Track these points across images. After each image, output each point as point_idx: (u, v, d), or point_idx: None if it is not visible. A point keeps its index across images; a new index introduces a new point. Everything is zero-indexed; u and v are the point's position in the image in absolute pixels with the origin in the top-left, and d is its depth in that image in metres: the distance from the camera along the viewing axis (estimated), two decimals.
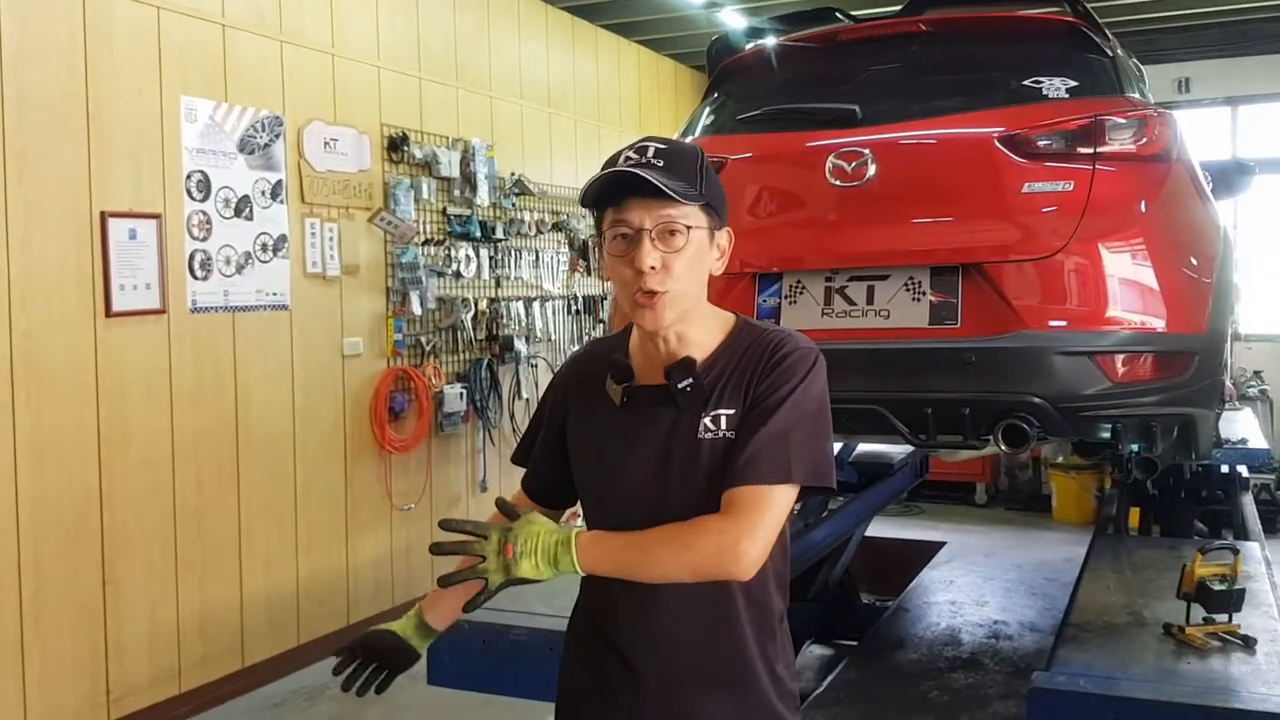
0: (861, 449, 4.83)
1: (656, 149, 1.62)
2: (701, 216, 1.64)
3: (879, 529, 5.57)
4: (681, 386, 1.63)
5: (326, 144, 5.20)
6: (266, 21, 4.91)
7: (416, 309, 5.67)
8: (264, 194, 4.87)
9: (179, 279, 4.46)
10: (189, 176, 4.51)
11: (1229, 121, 8.45)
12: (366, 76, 5.50)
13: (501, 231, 6.31)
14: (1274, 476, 7.44)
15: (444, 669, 2.78)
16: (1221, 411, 3.33)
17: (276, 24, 4.96)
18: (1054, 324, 2.76)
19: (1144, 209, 2.85)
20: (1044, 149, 2.86)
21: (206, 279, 4.58)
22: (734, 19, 6.89)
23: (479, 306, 6.18)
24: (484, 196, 6.12)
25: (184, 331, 4.48)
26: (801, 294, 3.07)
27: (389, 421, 5.53)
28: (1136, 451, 3.08)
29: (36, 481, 3.92)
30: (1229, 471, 5.08)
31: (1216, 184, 3.87)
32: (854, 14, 3.68)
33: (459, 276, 6.01)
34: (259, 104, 4.84)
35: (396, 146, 5.62)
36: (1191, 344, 2.83)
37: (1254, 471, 6.00)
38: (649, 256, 1.59)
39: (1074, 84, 3.01)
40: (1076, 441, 3.27)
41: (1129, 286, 2.78)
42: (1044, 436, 2.86)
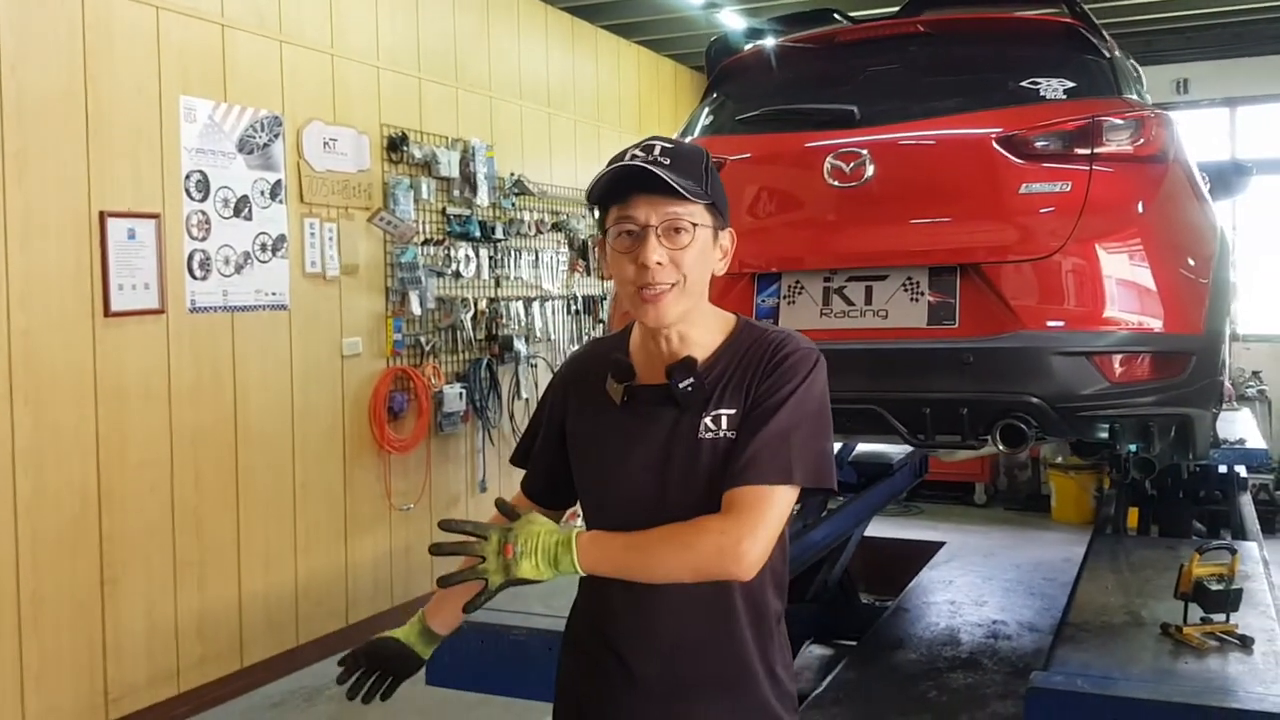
0: (860, 449, 4.84)
1: (663, 147, 1.63)
2: (706, 216, 1.64)
3: (878, 529, 5.58)
4: (683, 386, 1.63)
5: (326, 144, 5.20)
6: (266, 21, 4.91)
7: (416, 309, 5.67)
8: (263, 194, 4.87)
9: (178, 279, 4.46)
10: (188, 176, 4.51)
11: (1227, 122, 8.46)
12: (366, 76, 5.50)
13: (501, 231, 6.32)
14: (1272, 476, 7.44)
15: (442, 669, 2.78)
16: (1219, 412, 3.33)
17: (276, 24, 4.96)
18: (1052, 324, 2.77)
19: (1141, 210, 2.86)
20: (1042, 150, 2.87)
21: (205, 279, 4.58)
22: (733, 20, 6.90)
23: (478, 306, 6.18)
24: (483, 196, 6.12)
25: (183, 331, 4.48)
26: (800, 294, 3.08)
27: (388, 421, 5.53)
28: (1134, 451, 3.09)
29: (35, 481, 3.92)
30: (1227, 472, 5.08)
31: (1214, 185, 3.88)
32: (852, 15, 3.68)
33: (458, 276, 6.02)
34: (258, 104, 4.84)
35: (396, 146, 5.63)
36: (1189, 344, 2.84)
37: (1252, 472, 6.00)
38: (655, 253, 1.59)
39: (1072, 85, 3.01)
40: (1074, 441, 3.28)
41: (1126, 287, 2.79)
42: (1042, 436, 2.87)
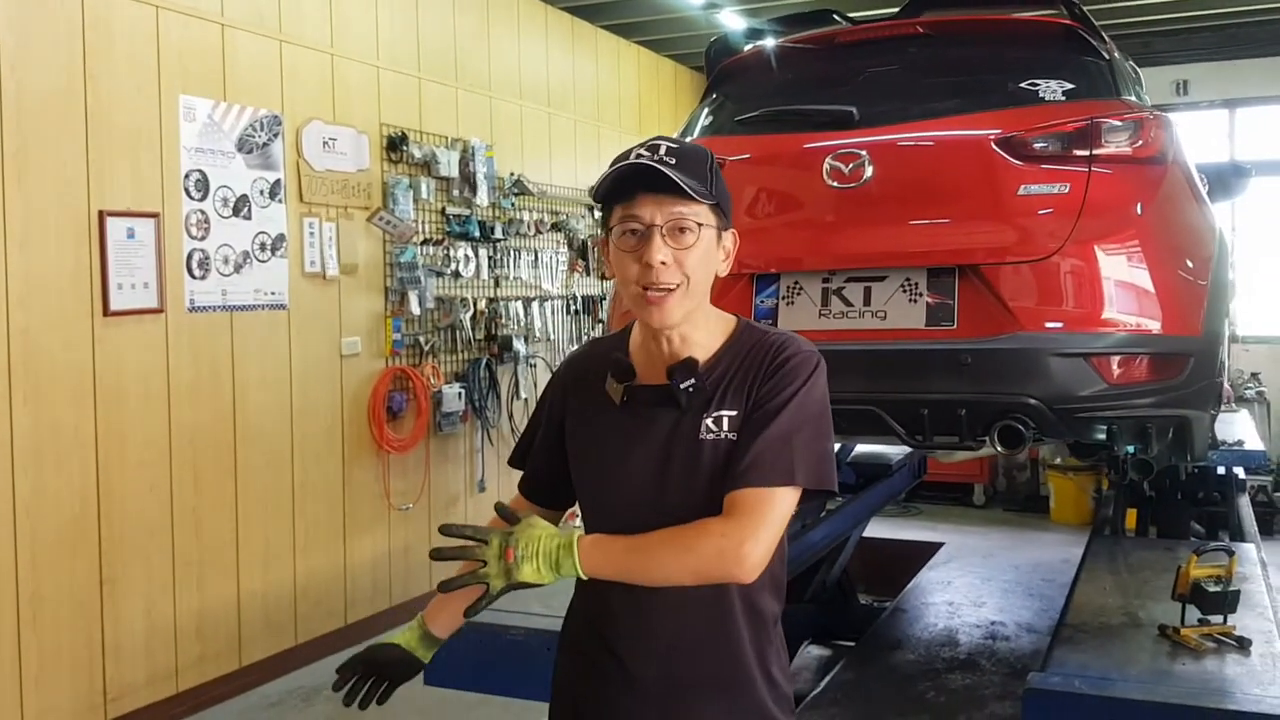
0: (859, 450, 4.84)
1: (669, 147, 1.62)
2: (711, 216, 1.64)
3: (877, 530, 5.58)
4: (684, 387, 1.63)
5: (325, 143, 5.20)
6: (266, 21, 4.91)
7: (415, 309, 5.67)
8: (262, 193, 4.87)
9: (177, 278, 4.46)
10: (187, 176, 4.51)
11: (1227, 124, 8.46)
12: (366, 76, 5.50)
13: (500, 231, 6.32)
14: (1270, 478, 7.44)
15: (440, 669, 2.75)
16: (1217, 413, 3.33)
17: (276, 23, 4.96)
18: (1050, 325, 2.77)
19: (1140, 211, 2.86)
20: (1040, 151, 2.87)
21: (204, 278, 4.58)
22: (733, 20, 6.91)
23: (478, 306, 6.19)
24: (483, 196, 6.12)
25: (182, 331, 4.48)
26: (799, 295, 3.08)
27: (387, 421, 5.53)
28: (1132, 453, 3.09)
29: (34, 480, 3.92)
30: (1225, 473, 5.09)
31: (1213, 186, 3.88)
32: (852, 16, 3.69)
33: (458, 276, 6.02)
34: (258, 103, 4.84)
35: (395, 146, 5.63)
36: (1187, 346, 2.84)
37: (1250, 473, 6.01)
38: (659, 252, 1.59)
39: (1070, 86, 3.02)
40: (1072, 443, 3.28)
41: (1124, 288, 2.79)
42: (1040, 438, 2.87)
